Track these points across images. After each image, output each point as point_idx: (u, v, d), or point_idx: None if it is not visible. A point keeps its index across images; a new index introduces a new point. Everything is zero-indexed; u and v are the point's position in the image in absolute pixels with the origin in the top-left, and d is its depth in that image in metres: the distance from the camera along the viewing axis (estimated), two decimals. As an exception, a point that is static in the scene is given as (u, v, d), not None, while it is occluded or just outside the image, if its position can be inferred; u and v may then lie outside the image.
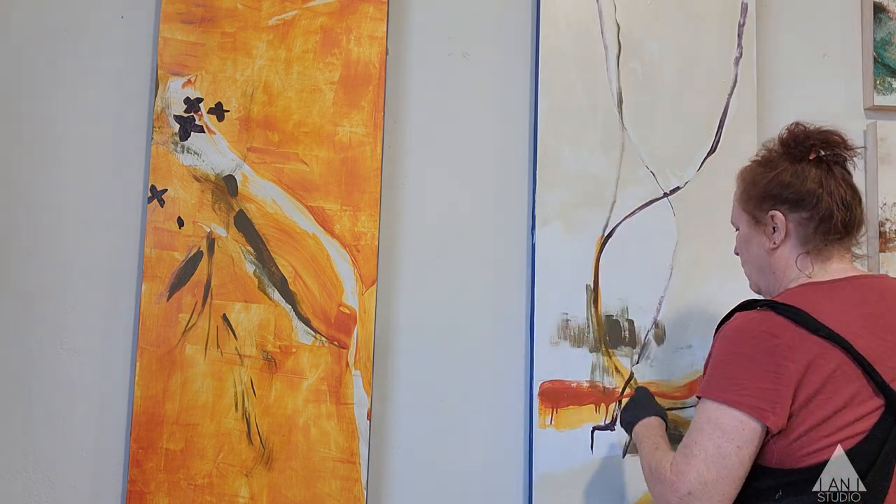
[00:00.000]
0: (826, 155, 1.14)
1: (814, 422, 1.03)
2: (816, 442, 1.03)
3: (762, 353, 1.04)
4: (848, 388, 1.03)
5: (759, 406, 1.03)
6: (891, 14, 1.76)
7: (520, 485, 1.58)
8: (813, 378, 1.02)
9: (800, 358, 1.03)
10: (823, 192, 1.12)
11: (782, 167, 1.15)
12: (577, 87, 1.63)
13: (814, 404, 1.03)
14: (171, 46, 1.55)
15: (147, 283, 1.50)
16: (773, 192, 1.15)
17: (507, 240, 1.63)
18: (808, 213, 1.13)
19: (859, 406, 1.03)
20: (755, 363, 1.04)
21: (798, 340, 1.04)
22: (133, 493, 1.47)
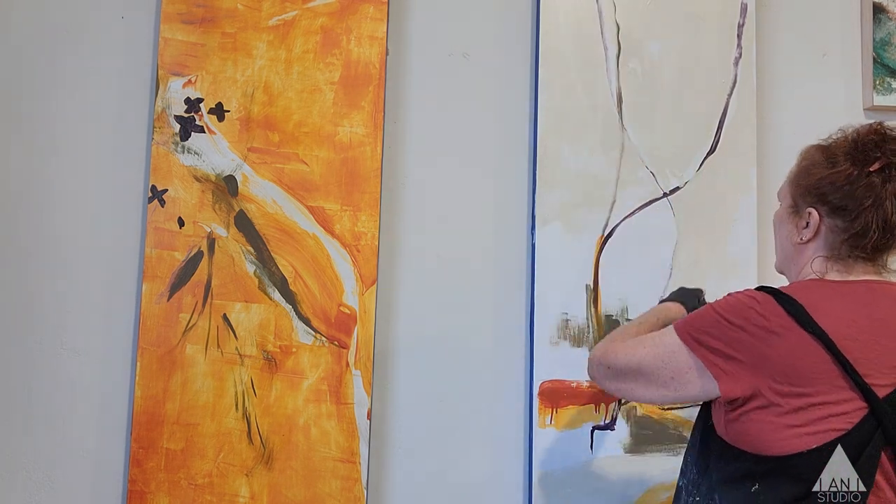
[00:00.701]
0: (891, 168, 1.07)
1: (784, 410, 1.03)
2: (787, 430, 1.03)
3: (747, 329, 1.05)
4: (826, 386, 1.02)
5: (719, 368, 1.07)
6: (890, 14, 1.76)
7: (520, 485, 1.59)
8: (789, 369, 1.03)
9: (781, 346, 1.03)
10: (869, 207, 1.07)
11: (840, 168, 1.09)
12: (577, 87, 1.63)
13: (786, 392, 1.03)
14: (172, 46, 1.55)
15: (147, 283, 1.50)
16: (820, 190, 1.11)
17: (507, 240, 1.63)
18: (844, 224, 1.09)
19: (836, 405, 1.02)
20: (737, 335, 1.06)
21: (785, 330, 1.04)
22: (133, 492, 1.47)
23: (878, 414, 1.00)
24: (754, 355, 1.05)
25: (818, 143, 1.16)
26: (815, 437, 1.01)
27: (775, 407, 1.04)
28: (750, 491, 1.06)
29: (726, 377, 1.06)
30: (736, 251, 1.64)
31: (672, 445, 1.58)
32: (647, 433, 1.58)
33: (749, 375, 1.05)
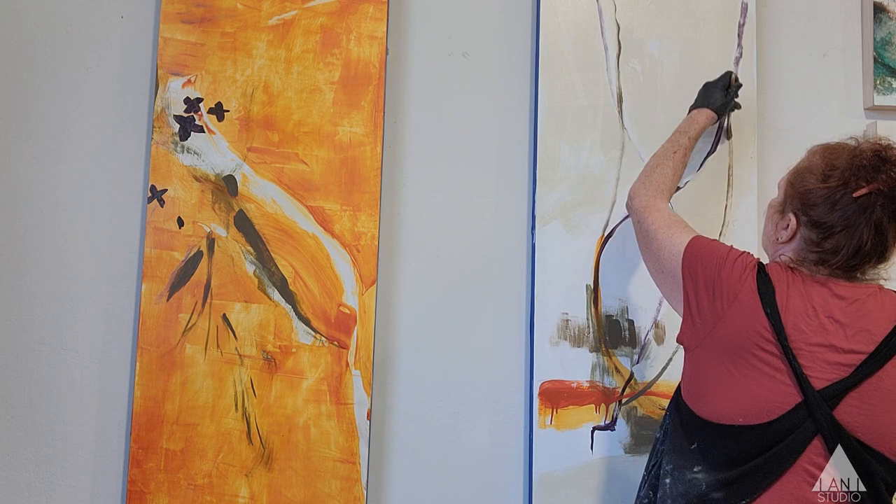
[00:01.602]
0: (875, 196, 1.08)
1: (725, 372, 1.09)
2: (725, 397, 1.09)
3: (724, 267, 1.13)
4: (767, 365, 1.07)
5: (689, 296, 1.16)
6: (891, 14, 1.76)
7: (520, 485, 1.58)
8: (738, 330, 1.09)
9: (737, 316, 1.09)
10: (843, 232, 1.09)
11: (830, 184, 1.10)
12: (577, 87, 1.63)
13: (729, 354, 1.09)
14: (171, 46, 1.55)
15: (147, 283, 1.50)
16: (805, 201, 1.13)
17: (507, 240, 1.63)
18: (817, 239, 1.11)
19: (774, 390, 1.06)
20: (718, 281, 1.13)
21: (748, 303, 1.09)
22: (133, 493, 1.47)
23: (811, 405, 1.04)
24: (713, 305, 1.12)
25: (826, 145, 1.16)
26: (745, 415, 1.07)
27: (716, 371, 1.11)
28: (689, 448, 1.13)
29: (688, 310, 1.16)
30: (736, 251, 1.63)
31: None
32: (647, 433, 1.58)
33: (703, 323, 1.13)
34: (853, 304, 1.08)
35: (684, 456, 1.13)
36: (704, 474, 1.10)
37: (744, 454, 1.07)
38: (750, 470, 1.06)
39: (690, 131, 1.45)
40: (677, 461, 1.14)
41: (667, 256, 1.22)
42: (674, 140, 1.44)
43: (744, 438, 1.07)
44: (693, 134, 1.45)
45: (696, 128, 1.46)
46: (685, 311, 1.17)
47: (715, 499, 1.08)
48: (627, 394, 1.59)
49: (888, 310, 1.08)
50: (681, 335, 1.17)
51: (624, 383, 1.59)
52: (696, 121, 1.47)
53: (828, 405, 1.03)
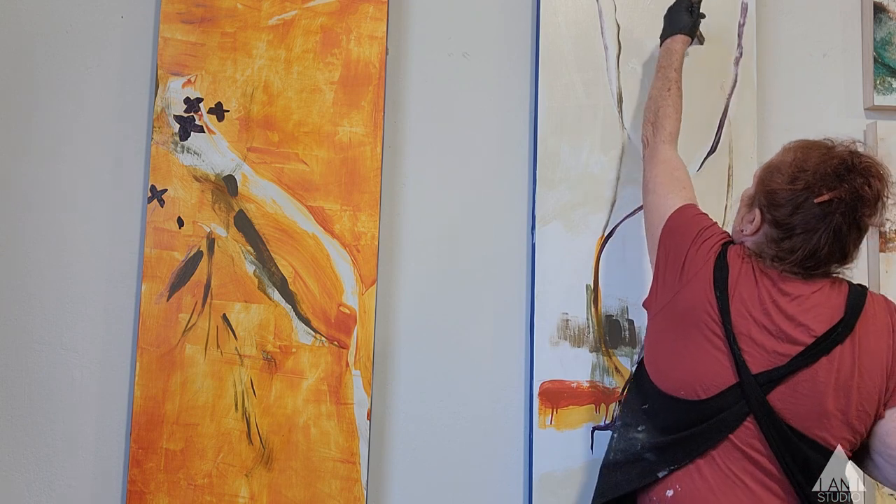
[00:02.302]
0: (837, 204, 1.10)
1: (673, 345, 1.17)
2: (671, 369, 1.17)
3: (695, 245, 1.20)
4: (710, 346, 1.13)
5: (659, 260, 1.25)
6: (891, 14, 1.76)
7: (520, 485, 1.58)
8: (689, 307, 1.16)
9: (691, 291, 1.17)
10: (802, 235, 1.12)
11: (796, 186, 1.12)
12: (577, 87, 1.63)
13: (679, 328, 1.16)
14: (171, 46, 1.55)
15: (147, 283, 1.50)
16: (771, 200, 1.16)
17: (507, 240, 1.63)
18: (777, 237, 1.15)
19: (713, 370, 1.11)
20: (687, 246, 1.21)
21: (704, 276, 1.16)
22: (133, 493, 1.47)
23: (745, 388, 1.09)
24: (679, 278, 1.19)
25: (801, 143, 1.18)
26: (686, 389, 1.14)
27: (667, 342, 1.18)
28: (640, 408, 1.21)
29: (657, 274, 1.24)
30: (736, 251, 1.64)
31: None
32: (647, 433, 1.58)
33: (666, 292, 1.21)
34: (796, 299, 1.12)
35: (635, 415, 1.22)
36: (644, 435, 1.18)
37: (681, 424, 1.14)
38: (681, 439, 1.13)
39: (674, 63, 1.47)
40: (627, 419, 1.23)
41: (655, 215, 1.29)
42: (663, 77, 1.46)
43: (682, 410, 1.14)
44: (677, 65, 1.47)
45: (677, 58, 1.48)
46: (654, 274, 1.25)
47: (648, 460, 1.17)
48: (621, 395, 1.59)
49: (833, 306, 1.11)
50: (647, 300, 1.26)
51: (624, 383, 1.59)
52: (675, 50, 1.49)
53: (761, 389, 1.08)
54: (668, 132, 1.40)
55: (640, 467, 1.17)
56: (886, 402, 1.09)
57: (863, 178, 1.09)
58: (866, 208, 1.10)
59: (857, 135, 1.72)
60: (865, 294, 1.13)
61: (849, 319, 1.09)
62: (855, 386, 1.07)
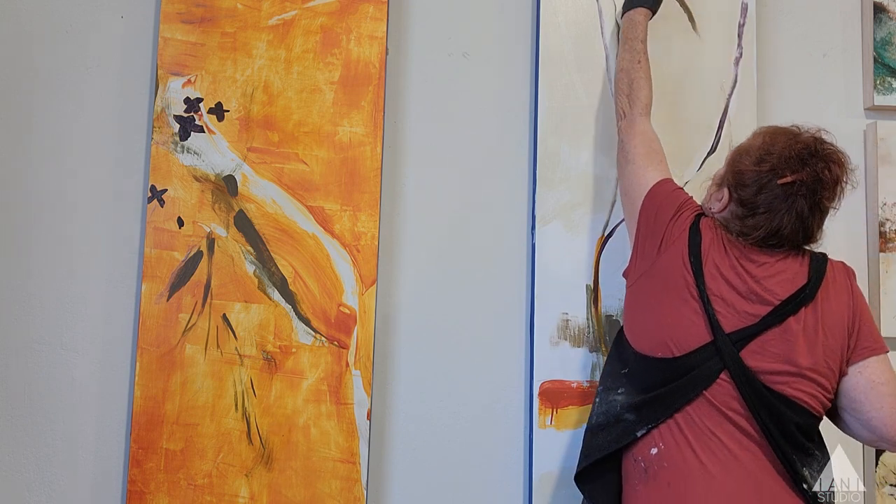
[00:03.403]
0: (799, 186, 1.17)
1: (650, 308, 1.23)
2: (646, 330, 1.23)
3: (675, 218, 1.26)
4: (686, 307, 1.19)
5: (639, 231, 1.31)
6: (891, 14, 1.76)
7: (520, 485, 1.58)
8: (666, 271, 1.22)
9: (673, 249, 1.23)
10: (765, 214, 1.19)
11: (761, 168, 1.19)
12: (577, 87, 1.63)
13: (656, 292, 1.23)
14: (171, 46, 1.55)
15: (147, 283, 1.50)
16: (738, 180, 1.23)
17: (507, 240, 1.63)
18: (742, 215, 1.22)
19: (688, 329, 1.18)
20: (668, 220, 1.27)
21: (680, 243, 1.23)
22: (133, 493, 1.47)
23: (719, 345, 1.15)
24: (658, 249, 1.25)
25: (770, 129, 1.26)
26: (662, 348, 1.20)
27: (643, 306, 1.24)
28: (620, 372, 1.27)
29: (636, 245, 1.30)
30: (736, 251, 1.64)
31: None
32: (647, 433, 1.58)
33: (644, 261, 1.26)
34: (762, 265, 1.19)
35: (615, 379, 1.27)
36: (623, 397, 1.23)
37: (657, 383, 1.19)
38: (657, 397, 1.18)
39: (640, 34, 1.50)
40: (608, 383, 1.28)
41: (635, 186, 1.34)
42: (630, 49, 1.49)
43: (659, 369, 1.19)
44: (642, 36, 1.50)
45: (641, 29, 1.50)
46: (634, 245, 1.31)
47: (627, 420, 1.21)
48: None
49: (796, 272, 1.19)
50: (626, 269, 1.32)
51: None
52: (639, 22, 1.51)
53: (734, 347, 1.15)
54: (644, 104, 1.43)
55: (621, 428, 1.22)
56: (849, 358, 1.17)
57: (824, 163, 1.17)
58: (826, 191, 1.18)
59: (857, 135, 1.73)
60: (826, 260, 1.22)
61: (813, 283, 1.17)
62: (820, 343, 1.14)
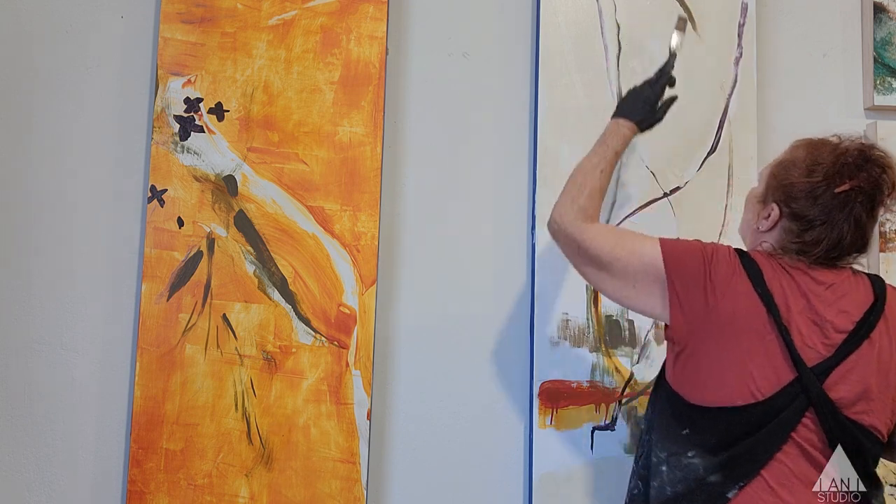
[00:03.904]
0: (856, 193, 1.12)
1: (719, 356, 1.11)
2: (719, 380, 1.10)
3: (713, 271, 1.14)
4: (762, 345, 1.09)
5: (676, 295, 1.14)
6: (891, 14, 1.76)
7: (520, 485, 1.59)
8: (733, 313, 1.10)
9: (730, 299, 1.11)
10: (824, 226, 1.13)
11: (814, 179, 1.13)
12: (577, 87, 1.63)
13: (724, 339, 1.11)
14: (171, 46, 1.55)
15: (147, 283, 1.50)
16: (788, 193, 1.16)
17: (507, 240, 1.63)
18: (798, 230, 1.15)
19: (768, 368, 1.08)
20: (703, 270, 1.14)
21: (739, 285, 1.12)
22: (133, 493, 1.47)
23: (805, 381, 1.07)
24: (706, 299, 1.12)
25: (809, 140, 1.20)
26: (743, 395, 1.09)
27: (709, 357, 1.12)
28: (680, 433, 1.14)
29: (678, 307, 1.14)
30: (736, 251, 1.64)
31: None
32: (647, 433, 1.58)
33: (694, 317, 1.13)
34: (830, 287, 1.12)
35: (677, 442, 1.14)
36: (700, 458, 1.11)
37: (737, 435, 1.09)
38: (744, 450, 1.08)
39: (617, 145, 1.35)
40: (671, 448, 1.15)
41: (640, 268, 1.19)
42: (599, 153, 1.33)
43: (737, 419, 1.09)
44: (619, 148, 1.35)
45: (622, 143, 1.36)
46: (673, 309, 1.16)
47: (713, 482, 1.10)
48: (627, 394, 1.59)
49: (862, 291, 1.13)
50: (671, 332, 1.17)
51: (624, 383, 1.59)
52: (625, 136, 1.36)
53: (818, 380, 1.07)
54: (592, 212, 1.28)
55: (706, 493, 1.10)
56: None
57: (880, 168, 1.13)
58: (882, 196, 1.13)
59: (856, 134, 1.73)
60: (882, 279, 1.17)
61: (879, 303, 1.12)
62: (894, 367, 1.09)
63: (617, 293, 1.22)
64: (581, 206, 1.27)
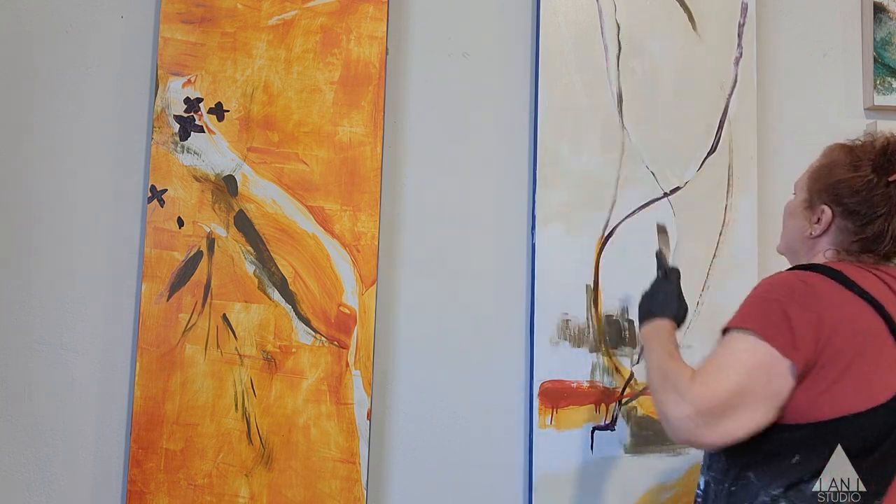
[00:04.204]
0: None
1: (841, 373, 1.02)
2: (842, 392, 1.02)
3: (795, 296, 1.04)
4: (879, 348, 1.03)
5: (785, 339, 1.02)
6: (891, 14, 1.76)
7: (520, 485, 1.58)
8: (845, 328, 1.03)
9: (833, 306, 1.04)
10: (883, 216, 1.10)
11: (861, 173, 1.11)
12: (577, 87, 1.63)
13: (843, 356, 1.02)
14: (171, 46, 1.55)
15: (147, 283, 1.50)
16: (837, 191, 1.13)
17: (507, 240, 1.63)
18: (856, 227, 1.12)
19: (888, 370, 1.03)
20: (786, 305, 1.04)
21: (833, 291, 1.05)
22: (133, 493, 1.47)
23: None
24: (812, 323, 1.03)
25: (844, 143, 1.18)
26: (864, 398, 1.02)
27: (828, 368, 1.03)
28: (791, 462, 1.05)
29: (797, 353, 1.02)
30: (736, 251, 1.64)
31: (672, 446, 1.58)
32: (647, 433, 1.58)
33: (812, 344, 1.03)
34: None
35: (790, 473, 1.05)
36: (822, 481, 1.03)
37: (873, 439, 1.02)
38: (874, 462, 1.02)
39: (671, 338, 1.23)
40: (786, 481, 1.05)
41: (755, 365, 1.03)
42: (656, 351, 1.19)
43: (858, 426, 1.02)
44: (675, 341, 1.23)
45: (671, 336, 1.24)
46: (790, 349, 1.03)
47: (857, 492, 1.02)
48: (627, 394, 1.59)
49: None
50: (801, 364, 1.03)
51: (624, 383, 1.59)
52: (668, 330, 1.25)
53: None
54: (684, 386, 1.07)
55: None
56: None
57: None
58: None
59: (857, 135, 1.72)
60: None
61: None
62: None
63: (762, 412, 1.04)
64: (676, 385, 1.08)
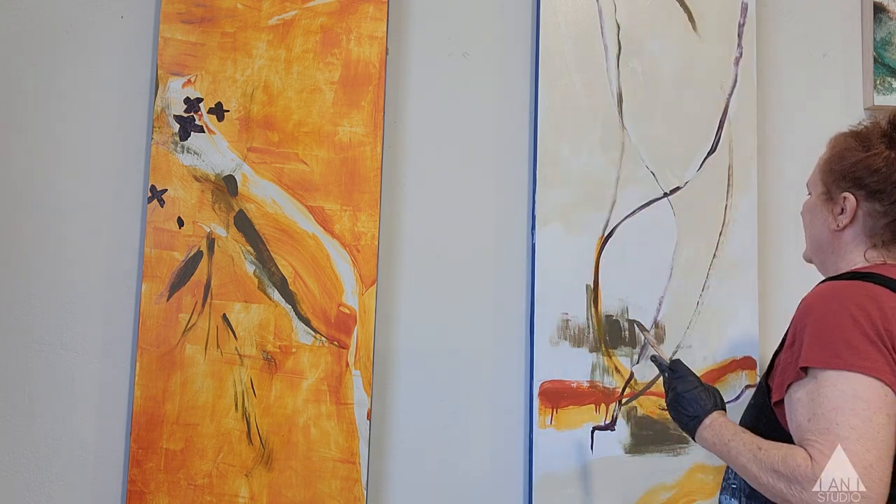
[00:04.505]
0: None
1: None
2: None
3: (869, 316, 0.98)
4: None
5: (883, 370, 0.95)
6: (891, 14, 1.76)
7: (520, 485, 1.58)
8: None
9: None
10: None
11: (875, 150, 1.08)
12: (577, 87, 1.63)
13: None
14: (171, 46, 1.55)
15: (147, 283, 1.50)
16: (856, 174, 1.09)
17: (507, 240, 1.63)
18: (884, 208, 1.08)
19: None
20: (865, 327, 0.98)
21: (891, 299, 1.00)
22: (133, 493, 1.47)
23: None
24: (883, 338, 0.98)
25: (849, 130, 1.15)
26: None
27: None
28: None
29: (888, 369, 0.97)
30: (736, 251, 1.64)
31: (672, 446, 1.58)
32: (647, 433, 1.58)
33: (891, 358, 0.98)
34: None
35: None
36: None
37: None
38: None
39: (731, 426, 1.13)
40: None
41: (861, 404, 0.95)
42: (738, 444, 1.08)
43: None
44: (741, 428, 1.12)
45: (729, 424, 1.14)
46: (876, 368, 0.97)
47: None
48: (627, 394, 1.59)
49: None
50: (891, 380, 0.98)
51: (624, 383, 1.59)
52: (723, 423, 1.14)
53: None
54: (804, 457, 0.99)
55: None
56: None
57: None
58: None
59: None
60: None
61: None
62: None
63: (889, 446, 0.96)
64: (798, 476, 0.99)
